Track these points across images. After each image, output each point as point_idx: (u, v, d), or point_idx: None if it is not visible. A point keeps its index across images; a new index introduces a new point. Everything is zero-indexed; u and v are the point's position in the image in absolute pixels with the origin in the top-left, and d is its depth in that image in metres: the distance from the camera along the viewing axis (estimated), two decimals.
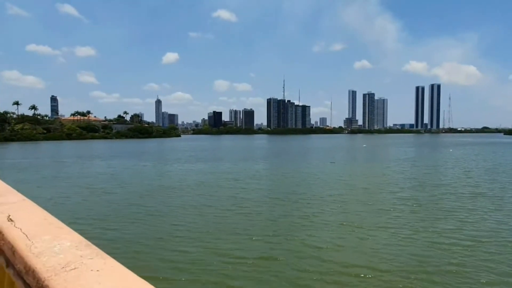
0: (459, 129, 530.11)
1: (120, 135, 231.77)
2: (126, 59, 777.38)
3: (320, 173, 44.90)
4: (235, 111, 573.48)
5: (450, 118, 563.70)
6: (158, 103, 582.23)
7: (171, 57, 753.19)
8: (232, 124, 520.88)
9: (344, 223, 21.03)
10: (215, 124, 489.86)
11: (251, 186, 35.28)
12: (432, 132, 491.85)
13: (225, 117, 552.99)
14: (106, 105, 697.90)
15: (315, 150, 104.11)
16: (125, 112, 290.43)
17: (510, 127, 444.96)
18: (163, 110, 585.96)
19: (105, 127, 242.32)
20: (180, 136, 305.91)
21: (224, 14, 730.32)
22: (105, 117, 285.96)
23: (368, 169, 50.54)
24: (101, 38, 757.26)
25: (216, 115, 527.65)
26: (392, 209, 24.51)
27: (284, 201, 27.80)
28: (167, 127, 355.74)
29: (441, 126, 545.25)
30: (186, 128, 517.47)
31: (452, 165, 55.37)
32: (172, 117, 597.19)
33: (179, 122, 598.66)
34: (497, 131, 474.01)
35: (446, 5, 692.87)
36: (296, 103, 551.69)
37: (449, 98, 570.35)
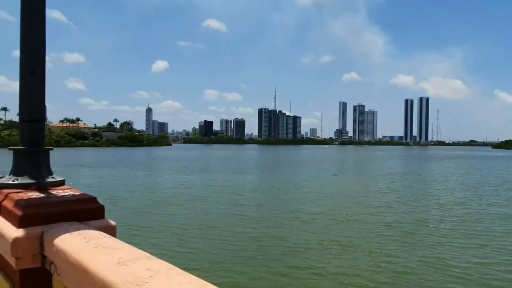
0: (447, 142, 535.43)
1: (110, 143, 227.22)
2: (115, 66, 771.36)
3: (325, 187, 42.39)
4: (226, 121, 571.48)
5: (439, 131, 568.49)
6: (149, 111, 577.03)
7: (160, 65, 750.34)
8: (223, 133, 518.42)
9: (372, 253, 18.43)
10: (206, 133, 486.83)
11: (254, 202, 32.54)
12: (421, 145, 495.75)
13: (216, 127, 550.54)
14: (94, 113, 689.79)
15: (311, 161, 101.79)
16: (115, 120, 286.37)
17: (496, 140, 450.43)
18: (153, 119, 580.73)
19: (94, 134, 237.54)
20: (171, 145, 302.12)
21: (213, 23, 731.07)
22: (95, 124, 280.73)
23: (374, 183, 48.16)
24: (89, 45, 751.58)
25: (207, 124, 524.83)
26: (420, 233, 22.02)
27: (296, 220, 25.10)
28: (157, 136, 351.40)
29: (429, 138, 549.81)
30: (176, 136, 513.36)
31: (461, 180, 53.44)
32: (163, 126, 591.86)
33: (169, 130, 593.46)
34: (484, 144, 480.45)
35: (432, 21, 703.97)
36: (287, 113, 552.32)
37: (437, 111, 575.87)
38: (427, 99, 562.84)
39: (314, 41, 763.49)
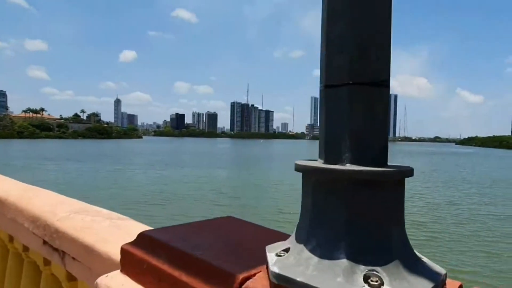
0: (413, 138, 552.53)
1: (77, 135, 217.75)
2: (80, 55, 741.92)
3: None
4: (198, 114, 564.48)
5: (406, 127, 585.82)
6: (117, 102, 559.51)
7: (128, 55, 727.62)
8: (194, 126, 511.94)
9: None
10: (177, 126, 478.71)
11: (239, 202, 30.34)
12: (390, 140, 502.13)
13: (188, 120, 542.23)
14: (58, 103, 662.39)
15: (287, 155, 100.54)
16: (82, 111, 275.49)
17: (458, 137, 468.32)
18: (122, 110, 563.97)
19: (60, 126, 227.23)
20: (141, 137, 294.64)
21: (184, 14, 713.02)
22: (61, 115, 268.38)
23: None
24: (52, 32, 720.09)
25: (179, 117, 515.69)
26: (428, 240, 20.63)
27: (290, 223, 23.18)
28: (127, 128, 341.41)
29: (397, 134, 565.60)
30: (146, 129, 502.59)
31: (445, 178, 53.43)
32: (132, 118, 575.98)
33: (139, 123, 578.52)
34: (448, 141, 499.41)
35: (401, 19, 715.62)
36: (260, 107, 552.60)
37: (405, 108, 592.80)
38: (396, 96, 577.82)
39: (286, 35, 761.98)
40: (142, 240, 1.27)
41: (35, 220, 2.05)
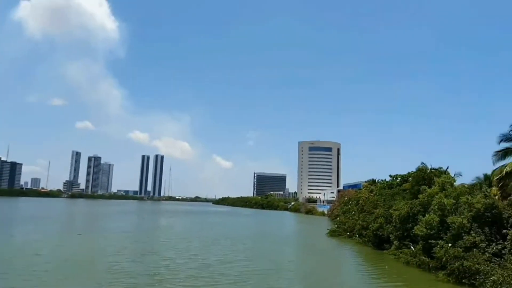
0: (177, 197, 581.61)
1: None
2: None
3: (75, 251, 34.95)
4: None
5: (170, 187, 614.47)
6: None
7: None
8: None
9: None
10: None
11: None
12: (155, 199, 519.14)
13: None
14: None
15: (41, 217, 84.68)
16: None
17: (214, 197, 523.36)
18: None
19: None
20: None
21: None
22: None
23: (129, 243, 43.88)
24: None
25: None
26: None
27: None
28: None
29: (162, 194, 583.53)
30: None
31: (212, 235, 56.63)
32: None
33: None
34: (206, 200, 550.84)
35: (165, 86, 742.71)
36: (3, 158, 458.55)
37: (170, 169, 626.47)
38: (162, 157, 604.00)
39: (43, 79, 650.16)
40: None
41: None
